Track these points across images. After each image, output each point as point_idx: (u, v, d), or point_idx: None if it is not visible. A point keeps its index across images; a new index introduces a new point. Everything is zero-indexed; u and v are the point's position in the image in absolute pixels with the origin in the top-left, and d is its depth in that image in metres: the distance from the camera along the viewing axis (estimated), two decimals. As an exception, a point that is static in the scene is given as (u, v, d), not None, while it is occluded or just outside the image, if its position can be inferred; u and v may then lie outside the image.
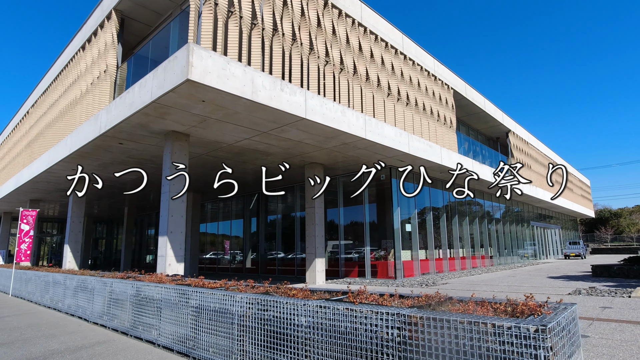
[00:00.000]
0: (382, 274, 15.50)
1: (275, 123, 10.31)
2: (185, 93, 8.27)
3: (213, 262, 24.03)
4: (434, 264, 17.45)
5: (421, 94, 15.38)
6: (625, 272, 13.71)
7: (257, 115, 9.67)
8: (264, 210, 21.52)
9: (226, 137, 11.39)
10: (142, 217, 32.41)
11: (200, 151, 12.92)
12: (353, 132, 11.42)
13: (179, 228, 10.45)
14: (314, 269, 14.13)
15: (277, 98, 9.30)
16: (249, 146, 12.46)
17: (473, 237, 21.58)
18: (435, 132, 15.88)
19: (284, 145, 12.43)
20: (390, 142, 12.85)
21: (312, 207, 14.62)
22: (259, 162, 14.65)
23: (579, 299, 8.57)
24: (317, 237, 14.36)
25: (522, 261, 27.20)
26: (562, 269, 19.70)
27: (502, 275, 16.03)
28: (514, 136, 24.52)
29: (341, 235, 17.04)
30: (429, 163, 15.27)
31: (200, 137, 11.37)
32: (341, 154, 13.61)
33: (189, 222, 21.36)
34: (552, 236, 36.18)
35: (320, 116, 10.41)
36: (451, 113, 17.30)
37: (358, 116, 11.68)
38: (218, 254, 24.10)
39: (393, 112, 13.68)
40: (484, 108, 20.65)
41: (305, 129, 10.88)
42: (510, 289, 10.91)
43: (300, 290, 4.40)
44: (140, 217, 32.32)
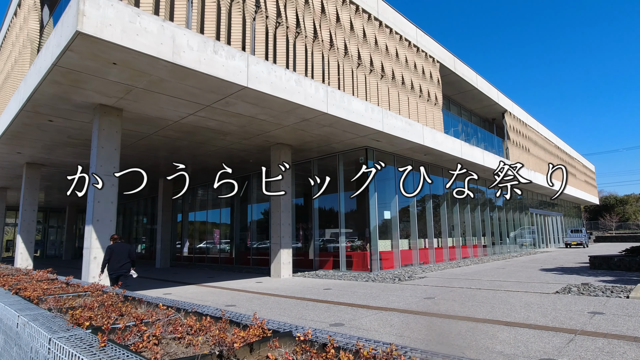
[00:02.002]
0: (358, 266, 14.12)
1: (214, 94, 8.83)
2: (86, 52, 6.79)
3: (202, 252, 22.75)
4: (417, 255, 16.03)
5: (400, 66, 13.77)
6: (626, 264, 12.22)
7: (188, 83, 8.19)
8: (238, 198, 20.16)
9: (166, 112, 9.94)
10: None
11: (147, 130, 11.48)
12: (311, 105, 9.91)
13: (108, 216, 9.08)
14: (279, 260, 12.77)
15: (208, 62, 7.80)
16: (199, 124, 11.00)
17: (465, 225, 20.11)
18: (416, 109, 14.30)
19: (237, 122, 10.96)
20: (360, 119, 11.33)
21: (277, 192, 13.19)
22: (217, 144, 13.21)
23: (566, 300, 7.12)
24: (282, 225, 12.96)
25: (519, 250, 25.74)
26: (559, 259, 18.22)
27: (490, 267, 14.60)
28: (510, 117, 22.82)
29: (315, 224, 15.64)
30: (408, 143, 13.75)
31: (137, 113, 9.93)
32: (307, 133, 12.13)
33: (159, 210, 20.09)
34: (554, 224, 34.60)
35: (267, 85, 8.91)
36: (436, 89, 15.68)
37: (318, 87, 10.16)
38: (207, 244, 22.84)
39: (365, 85, 12.12)
40: (476, 85, 18.96)
41: (253, 101, 9.39)
42: (492, 285, 9.49)
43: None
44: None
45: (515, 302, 6.98)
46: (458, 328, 5.26)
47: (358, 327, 5.45)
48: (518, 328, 5.14)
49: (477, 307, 6.70)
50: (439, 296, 7.95)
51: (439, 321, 5.68)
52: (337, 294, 8.67)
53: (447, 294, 8.26)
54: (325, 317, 6.21)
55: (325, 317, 6.26)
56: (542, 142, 27.75)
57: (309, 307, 7.21)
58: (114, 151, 9.33)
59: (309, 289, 9.66)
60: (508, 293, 8.13)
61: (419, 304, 7.17)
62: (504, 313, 6.12)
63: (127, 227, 30.74)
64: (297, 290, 9.48)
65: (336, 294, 8.77)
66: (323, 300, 7.87)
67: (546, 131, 29.13)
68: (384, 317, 6.11)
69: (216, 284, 11.45)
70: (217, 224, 21.78)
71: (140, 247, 28.70)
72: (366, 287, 9.82)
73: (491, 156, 19.22)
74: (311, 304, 7.56)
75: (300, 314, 6.58)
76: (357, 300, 7.82)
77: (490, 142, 22.14)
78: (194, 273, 15.30)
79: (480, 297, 7.72)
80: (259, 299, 8.27)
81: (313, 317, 6.29)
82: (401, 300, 7.64)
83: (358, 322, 5.80)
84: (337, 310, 6.83)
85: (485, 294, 8.11)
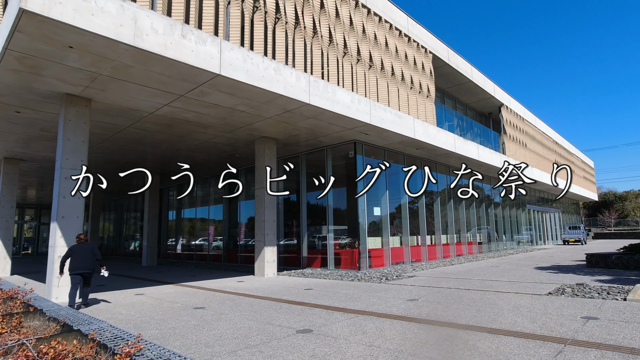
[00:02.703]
0: (346, 264, 13.61)
1: (186, 82, 8.27)
2: (36, 33, 6.24)
3: (191, 250, 22.21)
4: (409, 253, 15.52)
5: (390, 56, 13.19)
6: (624, 263, 11.71)
7: (155, 70, 7.64)
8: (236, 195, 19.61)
9: (139, 102, 9.38)
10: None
11: (122, 122, 10.93)
12: (292, 95, 9.36)
13: (75, 212, 8.55)
14: (263, 259, 12.26)
15: (175, 46, 7.25)
16: (176, 115, 10.45)
17: (459, 221, 19.60)
18: (407, 101, 13.74)
19: (216, 114, 10.42)
20: (346, 110, 10.78)
21: (261, 188, 12.67)
22: (199, 137, 12.67)
23: (558, 303, 6.61)
24: (266, 222, 12.44)
25: (516, 247, 25.24)
26: (555, 257, 17.72)
27: (484, 265, 14.09)
28: (507, 111, 22.26)
29: (303, 221, 15.12)
30: (398, 137, 13.20)
31: (107, 103, 9.38)
32: (291, 125, 11.58)
33: (146, 206, 19.56)
34: (552, 220, 34.10)
35: (243, 73, 8.36)
36: (429, 80, 15.11)
37: (299, 76, 9.60)
38: (200, 241, 22.32)
39: (351, 75, 11.56)
40: (471, 78, 18.39)
41: (229, 91, 8.84)
42: (482, 285, 8.98)
43: None
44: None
45: (503, 305, 6.47)
46: (436, 336, 4.75)
47: (327, 335, 4.93)
48: (502, 336, 4.63)
49: (461, 310, 6.19)
50: (423, 298, 7.44)
51: (417, 328, 5.17)
52: (316, 295, 8.16)
53: (432, 295, 7.75)
54: (294, 322, 5.69)
55: (295, 321, 5.74)
56: (540, 137, 27.20)
57: (282, 309, 6.70)
58: (81, 144, 8.79)
59: (290, 289, 9.15)
60: (497, 294, 7.62)
61: (400, 306, 6.65)
62: (489, 318, 5.60)
63: (119, 225, 30.23)
64: (276, 291, 8.97)
65: (316, 294, 8.26)
66: (300, 302, 7.36)
67: (544, 126, 28.58)
68: (359, 322, 5.59)
69: (196, 283, 10.94)
70: (206, 220, 21.26)
71: (134, 245, 28.16)
72: (350, 287, 9.31)
73: (486, 151, 18.68)
74: (286, 306, 7.05)
75: (269, 317, 6.06)
76: (335, 302, 7.31)
77: (486, 137, 21.57)
78: (178, 271, 14.79)
79: (467, 299, 7.21)
80: (232, 301, 7.76)
81: (282, 321, 5.78)
82: (382, 302, 7.13)
83: (328, 328, 5.29)
84: (311, 313, 6.31)
85: (473, 295, 7.60)
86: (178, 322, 5.92)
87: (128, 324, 5.87)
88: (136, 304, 7.69)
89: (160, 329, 5.47)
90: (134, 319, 6.18)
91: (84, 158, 8.82)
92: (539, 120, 27.59)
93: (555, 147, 30.39)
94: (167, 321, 5.99)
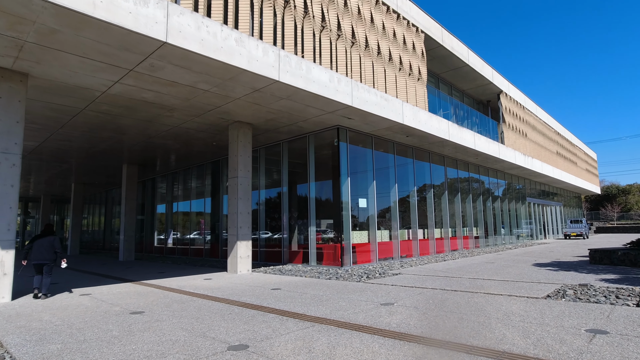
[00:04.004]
0: (328, 260, 12.58)
1: (129, 52, 7.18)
2: None
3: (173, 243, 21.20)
4: (399, 247, 14.47)
5: (376, 33, 12.05)
6: (631, 259, 10.65)
7: (88, 35, 6.54)
8: (211, 187, 18.61)
9: (85, 78, 8.29)
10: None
11: (74, 103, 9.84)
12: (258, 70, 8.26)
13: (7, 202, 7.50)
14: (236, 254, 11.22)
15: (107, 6, 6.14)
16: (133, 95, 9.36)
17: (455, 214, 18.53)
18: (395, 83, 12.61)
19: (177, 94, 9.32)
20: (323, 90, 9.67)
21: (234, 177, 11.61)
22: (167, 122, 11.58)
23: (558, 310, 5.55)
24: (240, 214, 11.39)
25: (515, 242, 24.20)
26: (556, 252, 16.67)
27: (478, 262, 13.04)
28: (506, 98, 21.09)
29: (285, 214, 14.07)
30: (385, 122, 12.10)
31: (48, 79, 8.29)
32: (264, 108, 10.49)
33: (123, 198, 18.53)
34: (553, 214, 33.02)
35: (196, 43, 7.26)
36: (420, 62, 13.96)
37: (267, 49, 8.49)
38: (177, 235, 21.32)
39: (330, 52, 10.45)
40: (468, 61, 17.22)
41: (184, 64, 7.75)
42: (471, 285, 7.93)
43: None
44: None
45: (492, 312, 5.41)
46: (399, 358, 3.70)
47: (261, 354, 3.89)
48: (484, 359, 3.57)
49: (441, 319, 5.14)
50: (400, 302, 6.39)
51: (378, 345, 4.12)
52: (281, 297, 7.12)
53: (411, 298, 6.70)
54: (234, 334, 4.65)
55: (235, 332, 4.71)
56: (540, 127, 26.03)
57: (231, 315, 5.66)
58: (15, 124, 7.72)
59: (255, 289, 8.11)
60: (487, 297, 6.57)
61: (368, 313, 5.60)
62: (472, 330, 4.55)
63: (104, 218, 29.25)
64: (239, 291, 7.94)
65: (281, 296, 7.22)
66: (257, 306, 6.32)
67: (546, 116, 27.39)
68: (311, 335, 4.55)
69: (158, 281, 9.92)
70: (190, 214, 20.24)
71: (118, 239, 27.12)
72: (323, 286, 8.27)
73: (483, 139, 17.55)
74: (238, 310, 6.01)
75: (209, 326, 5.03)
76: (296, 305, 6.27)
77: (484, 125, 20.42)
78: (150, 267, 13.78)
79: (451, 303, 6.16)
80: (182, 303, 6.72)
81: (221, 332, 4.74)
82: (350, 307, 6.08)
83: (270, 343, 4.25)
84: (261, 321, 5.27)
85: (459, 298, 6.55)
86: (97, 332, 4.89)
87: (36, 334, 4.84)
88: (70, 306, 6.67)
89: (66, 343, 4.44)
90: (48, 327, 5.16)
91: (18, 141, 7.75)
92: (541, 110, 26.40)
93: (557, 138, 29.22)
94: (84, 331, 4.96)
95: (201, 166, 18.60)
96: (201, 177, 18.97)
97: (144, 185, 23.89)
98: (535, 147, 24.33)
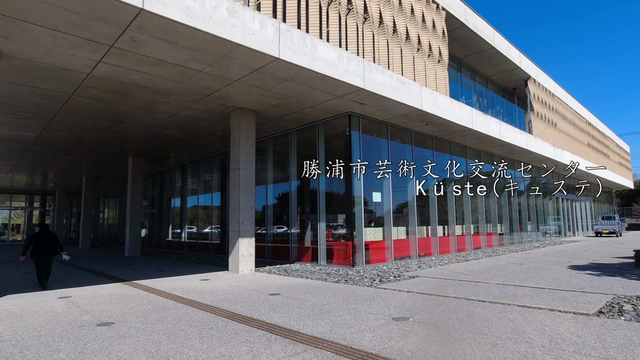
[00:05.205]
0: (339, 258, 11.56)
1: (104, 22, 6.25)
2: None
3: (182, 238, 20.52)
4: (416, 245, 13.32)
5: (391, 8, 10.85)
6: (686, 263, 9.24)
7: (52, 2, 5.64)
8: (221, 181, 17.81)
9: (63, 57, 7.43)
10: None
11: (60, 88, 9.04)
12: (255, 46, 7.25)
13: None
14: (237, 252, 10.31)
15: (70, -37, 5.21)
16: (120, 77, 8.49)
17: (477, 209, 17.21)
18: (412, 64, 11.41)
19: (168, 76, 8.40)
20: (331, 70, 8.59)
21: (236, 169, 10.67)
22: (164, 109, 10.72)
23: (621, 334, 4.38)
24: (241, 209, 10.46)
25: (542, 239, 22.63)
26: (590, 251, 15.20)
27: (505, 262, 11.80)
28: (534, 85, 19.50)
29: (293, 208, 13.10)
30: (401, 107, 10.94)
31: (24, 58, 7.48)
32: (266, 91, 9.48)
33: (129, 191, 17.91)
34: (582, 210, 31.09)
35: (180, 11, 6.28)
36: (441, 42, 12.68)
37: (264, 22, 7.45)
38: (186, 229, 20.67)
39: (339, 28, 9.34)
40: (494, 43, 15.80)
41: (168, 38, 6.79)
42: (502, 293, 6.78)
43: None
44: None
45: (534, 336, 4.29)
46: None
47: (227, 399, 2.89)
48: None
49: (468, 344, 4.05)
50: (417, 315, 5.32)
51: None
52: (278, 305, 6.14)
53: (431, 310, 5.62)
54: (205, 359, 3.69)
55: (207, 358, 3.74)
56: (571, 117, 24.25)
57: (210, 332, 4.71)
58: (-16, 108, 6.93)
59: (251, 294, 7.16)
60: (523, 312, 5.43)
61: (377, 332, 4.56)
62: (511, 363, 3.46)
63: (117, 212, 28.96)
64: (232, 296, 7.00)
65: (278, 304, 6.24)
66: (245, 318, 5.36)
67: (577, 104, 25.54)
68: (300, 365, 3.54)
69: (150, 281, 9.10)
70: (199, 208, 19.51)
71: (144, 232, 26.70)
72: (328, 292, 7.25)
73: (510, 129, 16.14)
74: (221, 324, 5.06)
75: (178, 348, 4.08)
76: (292, 318, 5.27)
77: (509, 114, 18.92)
78: (150, 265, 13.05)
79: (479, 319, 5.05)
80: (162, 312, 5.82)
81: (190, 356, 3.78)
82: (356, 322, 5.04)
83: (244, 379, 3.25)
84: (244, 341, 4.30)
85: (489, 312, 5.43)
86: (42, 353, 4.01)
87: (-30, 355, 3.99)
88: (37, 313, 5.85)
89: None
90: (-10, 346, 4.31)
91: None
92: (571, 98, 24.59)
93: (588, 129, 27.32)
94: (28, 350, 4.08)
95: (208, 158, 17.79)
96: (209, 169, 18.18)
97: (153, 179, 23.33)
98: (565, 138, 22.64)
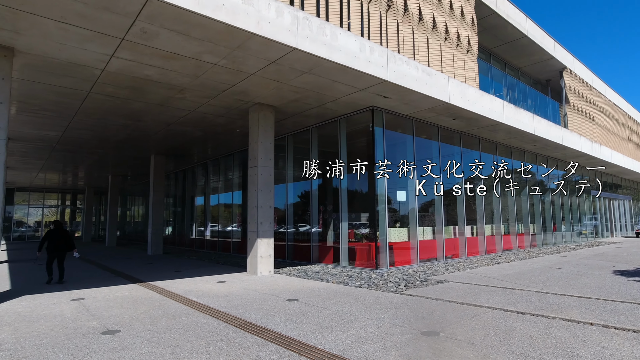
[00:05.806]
0: (362, 260, 11.04)
1: (111, 12, 5.94)
2: None
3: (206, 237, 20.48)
4: (444, 246, 12.63)
5: (417, -5, 10.21)
6: None
7: (57, -10, 5.37)
8: (242, 179, 17.56)
9: (75, 51, 7.21)
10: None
11: (75, 85, 8.89)
12: (270, 35, 6.81)
13: (-11, 195, 6.59)
14: (256, 253, 9.95)
15: (73, -52, 4.90)
16: (134, 73, 8.24)
17: (508, 208, 16.31)
18: (439, 55, 10.74)
19: (183, 70, 8.08)
20: (352, 61, 8.07)
21: (254, 167, 10.31)
22: (181, 105, 10.46)
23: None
24: (260, 208, 10.09)
25: (577, 240, 21.38)
26: (634, 254, 14.10)
27: (540, 266, 10.99)
28: (570, 76, 18.34)
29: (314, 207, 12.66)
30: (428, 101, 10.30)
31: (38, 54, 7.31)
32: (285, 85, 9.04)
33: (151, 190, 17.90)
34: (620, 209, 29.34)
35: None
36: (469, 31, 11.93)
37: (281, 9, 7.00)
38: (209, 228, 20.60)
39: (361, 16, 8.80)
40: (526, 32, 14.86)
41: (179, 28, 6.44)
42: (543, 303, 6.12)
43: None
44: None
45: (588, 358, 3.67)
46: None
47: None
48: None
49: (511, 368, 3.48)
50: (449, 329, 4.76)
51: None
52: (295, 313, 5.70)
53: (463, 323, 5.04)
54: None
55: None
56: (610, 110, 22.81)
57: (219, 344, 4.31)
58: (-4, 105, 6.78)
59: (268, 300, 6.76)
60: (573, 328, 4.78)
61: (405, 350, 4.04)
62: (567, 397, 2.87)
63: (143, 210, 29.33)
64: (248, 302, 6.61)
65: (295, 311, 5.80)
66: (259, 328, 4.94)
67: (616, 96, 24.02)
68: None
69: (166, 283, 8.85)
70: (222, 206, 19.35)
71: (168, 230, 26.92)
72: (350, 298, 6.76)
73: (544, 123, 15.16)
74: (232, 335, 4.65)
75: (182, 365, 3.69)
76: (309, 330, 4.81)
77: (543, 108, 17.83)
78: (170, 264, 12.89)
79: (520, 336, 4.45)
80: (173, 319, 5.48)
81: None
82: (380, 336, 4.54)
83: (249, 409, 2.81)
84: (254, 358, 3.86)
85: (531, 328, 4.81)
86: (37, 367, 3.69)
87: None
88: (45, 317, 5.61)
89: (-19, 388, 3.26)
90: (-13, 356, 4.05)
91: (2, 123, 6.81)
92: (610, 89, 23.12)
93: (628, 123, 25.69)
94: (24, 364, 3.78)
95: (229, 156, 17.56)
96: (230, 167, 17.96)
97: (175, 177, 23.39)
98: (604, 133, 21.28)
